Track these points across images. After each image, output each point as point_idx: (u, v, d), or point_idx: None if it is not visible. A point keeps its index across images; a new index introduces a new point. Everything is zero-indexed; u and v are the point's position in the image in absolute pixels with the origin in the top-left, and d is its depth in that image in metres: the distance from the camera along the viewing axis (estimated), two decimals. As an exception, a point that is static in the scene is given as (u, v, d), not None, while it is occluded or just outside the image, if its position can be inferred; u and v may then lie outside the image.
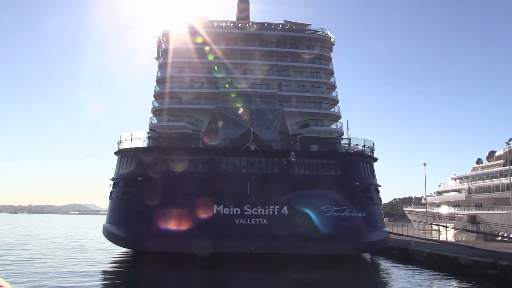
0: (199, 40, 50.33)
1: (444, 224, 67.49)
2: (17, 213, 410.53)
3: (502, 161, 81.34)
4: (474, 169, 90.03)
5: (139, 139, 42.93)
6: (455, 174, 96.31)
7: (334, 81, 50.94)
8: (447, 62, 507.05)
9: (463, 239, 50.61)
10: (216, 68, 48.60)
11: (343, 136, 47.21)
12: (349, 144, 43.81)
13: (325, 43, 52.68)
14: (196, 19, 53.70)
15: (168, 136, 44.73)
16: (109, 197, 44.05)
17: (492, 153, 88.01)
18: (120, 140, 43.71)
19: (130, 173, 41.30)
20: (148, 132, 44.82)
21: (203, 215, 36.79)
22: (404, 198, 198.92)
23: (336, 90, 50.56)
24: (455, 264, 32.28)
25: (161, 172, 39.79)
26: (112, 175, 44.51)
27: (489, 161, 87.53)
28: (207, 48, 49.60)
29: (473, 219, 76.28)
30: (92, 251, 45.92)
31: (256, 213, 37.74)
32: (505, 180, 74.41)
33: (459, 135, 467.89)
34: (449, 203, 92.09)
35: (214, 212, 37.48)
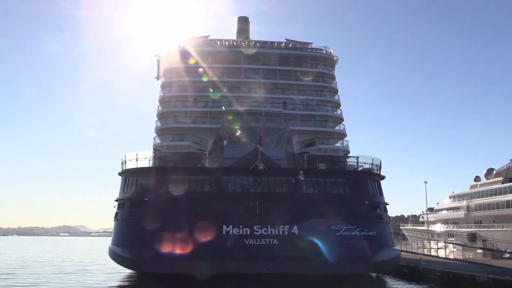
0: (201, 59, 50.12)
1: (457, 241, 67.06)
2: (7, 235, 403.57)
3: (501, 178, 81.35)
4: (472, 186, 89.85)
5: (145, 159, 42.34)
6: (453, 192, 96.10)
7: (338, 99, 50.81)
8: (446, 80, 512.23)
9: (470, 256, 50.13)
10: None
11: (349, 154, 47.01)
12: (357, 163, 43.50)
13: (328, 61, 52.65)
14: (197, 38, 53.67)
15: (174, 155, 44.11)
16: (114, 218, 43.25)
17: (490, 171, 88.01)
18: (125, 160, 43.10)
19: (136, 194, 40.65)
20: (154, 152, 44.17)
21: (212, 235, 36.14)
22: (396, 217, 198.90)
23: (340, 108, 50.40)
24: (471, 282, 31.79)
25: (168, 193, 39.15)
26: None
27: (487, 179, 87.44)
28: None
29: (472, 237, 75.95)
30: (97, 274, 44.63)
31: (266, 233, 37.16)
32: (505, 198, 74.36)
33: (456, 153, 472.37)
34: (447, 221, 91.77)
35: (223, 232, 36.86)
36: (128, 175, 42.69)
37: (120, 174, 44.27)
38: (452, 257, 47.13)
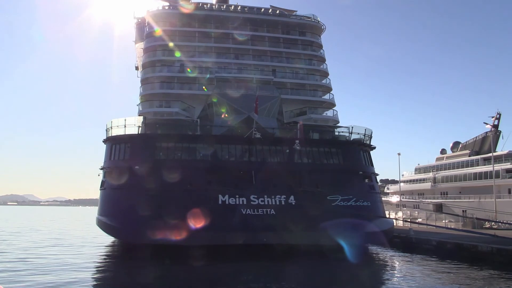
0: (187, 22, 48.20)
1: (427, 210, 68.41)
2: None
3: (467, 151, 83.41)
4: (438, 159, 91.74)
5: (134, 126, 40.40)
6: (418, 164, 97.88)
7: (326, 68, 49.96)
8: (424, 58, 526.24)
9: (453, 226, 51.06)
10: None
11: (339, 124, 46.59)
12: (351, 133, 42.99)
13: (316, 30, 51.55)
14: (181, 1, 51.29)
15: (166, 122, 42.19)
16: (101, 187, 41.36)
17: (456, 144, 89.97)
18: (111, 126, 40.97)
19: (124, 162, 38.74)
20: (144, 118, 42.06)
21: (208, 205, 34.95)
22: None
23: (328, 77, 49.59)
24: (472, 252, 31.91)
25: (159, 161, 37.66)
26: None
27: (453, 151, 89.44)
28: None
29: (438, 207, 77.82)
30: (87, 247, 42.64)
31: (263, 203, 36.35)
32: (472, 170, 76.38)
33: (424, 126, 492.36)
34: (413, 192, 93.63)
35: (219, 202, 35.78)
36: (115, 142, 40.60)
37: (104, 141, 42.13)
38: (434, 225, 47.48)
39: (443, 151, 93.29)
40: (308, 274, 27.92)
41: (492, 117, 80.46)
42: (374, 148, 44.64)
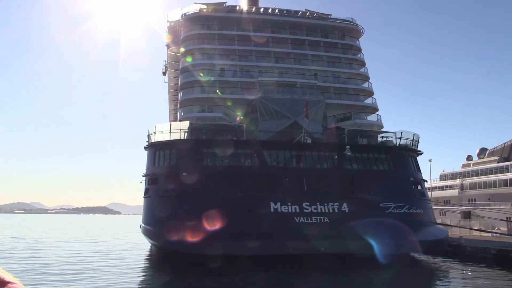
0: (225, 25, 47.33)
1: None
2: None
3: (496, 157, 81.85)
4: (464, 165, 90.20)
5: (180, 132, 39.14)
6: (443, 171, 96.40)
7: (367, 71, 48.87)
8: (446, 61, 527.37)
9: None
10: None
11: (383, 129, 45.36)
12: (400, 138, 41.65)
13: (355, 33, 50.61)
14: (213, 5, 50.43)
15: (213, 127, 40.93)
16: (145, 194, 40.11)
17: (483, 150, 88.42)
18: (154, 132, 39.81)
19: (171, 169, 37.52)
20: (190, 123, 40.72)
21: (260, 213, 33.74)
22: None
23: (370, 81, 48.47)
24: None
25: (208, 167, 36.46)
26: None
27: (480, 158, 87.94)
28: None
29: (467, 215, 76.42)
30: (129, 258, 41.26)
31: (316, 210, 35.04)
32: (502, 176, 74.89)
33: (447, 133, 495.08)
34: (438, 199, 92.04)
35: (272, 210, 34.47)
36: (158, 148, 39.43)
37: (146, 147, 41.02)
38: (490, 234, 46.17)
39: (469, 158, 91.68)
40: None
41: (522, 122, 79.21)
42: (422, 153, 43.36)
